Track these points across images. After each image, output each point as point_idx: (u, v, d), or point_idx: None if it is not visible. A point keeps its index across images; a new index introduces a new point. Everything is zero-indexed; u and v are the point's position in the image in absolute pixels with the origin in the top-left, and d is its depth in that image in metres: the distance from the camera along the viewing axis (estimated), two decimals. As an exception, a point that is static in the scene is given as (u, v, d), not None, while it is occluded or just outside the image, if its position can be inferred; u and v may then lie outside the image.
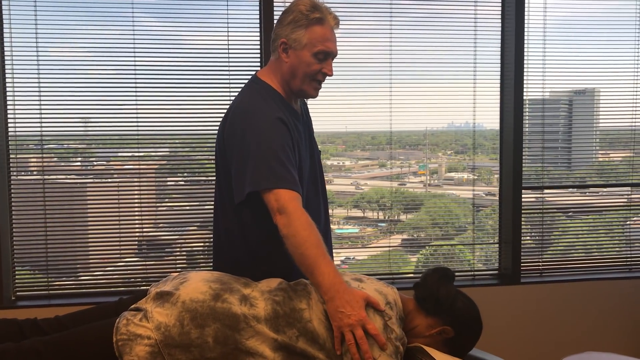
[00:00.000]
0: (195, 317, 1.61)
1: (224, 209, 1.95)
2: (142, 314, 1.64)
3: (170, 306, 1.63)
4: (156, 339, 1.59)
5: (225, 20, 3.00)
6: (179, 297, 1.65)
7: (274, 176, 1.74)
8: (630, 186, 3.59)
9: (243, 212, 1.88)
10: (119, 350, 1.58)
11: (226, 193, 1.91)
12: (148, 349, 1.58)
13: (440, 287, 1.78)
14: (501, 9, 3.24)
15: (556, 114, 3.50)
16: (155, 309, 1.63)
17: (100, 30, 2.92)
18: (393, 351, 1.63)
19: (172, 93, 2.99)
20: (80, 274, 3.06)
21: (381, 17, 3.15)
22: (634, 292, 3.43)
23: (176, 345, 1.59)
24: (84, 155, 3.14)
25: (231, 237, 1.94)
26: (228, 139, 1.88)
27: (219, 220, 2.00)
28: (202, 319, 1.61)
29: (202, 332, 1.60)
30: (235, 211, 1.89)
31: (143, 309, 1.65)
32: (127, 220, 3.05)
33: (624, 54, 3.41)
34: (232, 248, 1.95)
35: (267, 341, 1.61)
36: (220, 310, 1.63)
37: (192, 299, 1.64)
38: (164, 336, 1.59)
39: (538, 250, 3.46)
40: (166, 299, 1.66)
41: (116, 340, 1.59)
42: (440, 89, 3.23)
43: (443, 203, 3.60)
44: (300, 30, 1.85)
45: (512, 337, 3.28)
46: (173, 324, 1.60)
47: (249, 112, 1.85)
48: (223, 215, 1.97)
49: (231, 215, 1.92)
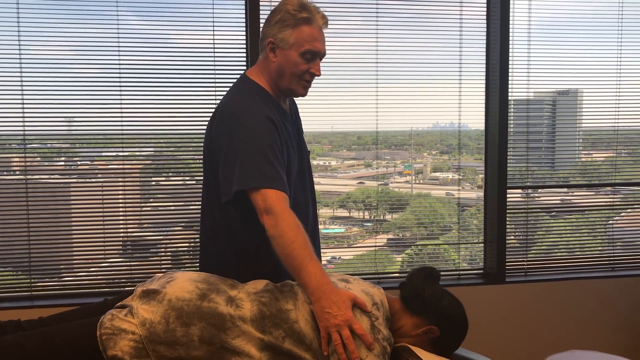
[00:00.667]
0: (181, 316, 1.61)
1: (211, 208, 1.94)
2: (128, 310, 1.64)
3: (157, 304, 1.63)
4: (141, 335, 1.58)
5: (211, 17, 2.99)
6: (166, 295, 1.65)
7: (262, 176, 1.74)
8: (612, 186, 3.64)
9: (230, 212, 1.87)
10: (102, 344, 1.57)
11: (213, 192, 1.90)
12: (132, 344, 1.58)
13: (426, 287, 1.79)
14: (486, 10, 3.27)
15: (540, 114, 3.53)
16: (141, 306, 1.63)
17: (84, 27, 2.88)
18: (380, 351, 1.63)
19: (157, 91, 2.97)
20: (64, 275, 3.03)
21: (368, 18, 3.16)
22: (616, 291, 3.47)
23: (161, 342, 1.58)
24: (68, 155, 3.10)
25: (218, 237, 1.93)
26: (216, 138, 1.87)
27: (206, 220, 1.99)
28: (188, 318, 1.61)
29: (187, 330, 1.60)
30: (222, 210, 1.88)
31: (129, 306, 1.65)
32: (111, 220, 3.02)
33: (607, 56, 3.45)
34: (219, 247, 1.94)
35: (253, 341, 1.61)
36: (207, 310, 1.62)
37: (179, 298, 1.64)
38: (148, 332, 1.58)
39: (522, 250, 3.49)
40: (152, 297, 1.65)
41: (100, 334, 1.58)
42: (426, 89, 3.24)
43: (428, 203, 3.62)
44: (288, 30, 1.84)
45: (497, 336, 3.31)
46: (158, 321, 1.60)
47: (238, 111, 1.84)
48: (210, 215, 1.96)
49: (218, 214, 1.91)
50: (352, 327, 1.59)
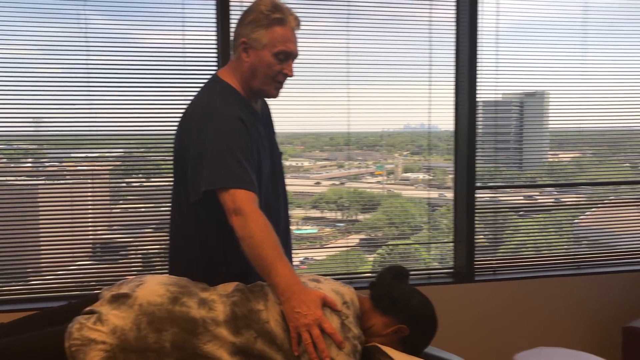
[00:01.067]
0: (152, 321, 1.58)
1: (181, 209, 1.93)
2: (96, 317, 1.59)
3: (127, 309, 1.60)
4: (111, 344, 1.55)
5: (181, 17, 2.97)
6: (136, 299, 1.62)
7: (231, 175, 1.73)
8: (578, 186, 3.72)
9: (199, 212, 1.86)
10: (72, 355, 1.54)
11: (183, 193, 1.89)
12: (103, 354, 1.54)
13: (395, 286, 1.80)
14: (456, 13, 3.31)
15: (508, 115, 3.59)
16: (111, 312, 1.60)
17: (51, 26, 2.83)
18: (351, 350, 1.64)
19: (127, 92, 2.93)
20: (31, 279, 2.97)
21: (339, 19, 3.17)
22: (582, 288, 3.54)
23: (132, 350, 1.56)
24: (35, 156, 3.05)
25: (187, 238, 1.92)
26: (186, 137, 1.86)
27: (176, 221, 1.97)
28: (160, 323, 1.58)
29: (159, 336, 1.57)
30: (192, 211, 1.87)
31: (97, 312, 1.61)
32: (80, 222, 2.97)
33: (572, 58, 3.52)
34: (188, 249, 1.93)
35: (225, 345, 1.60)
36: (179, 314, 1.61)
37: (150, 302, 1.61)
38: (119, 340, 1.56)
39: (492, 249, 3.54)
40: (123, 302, 1.62)
41: (69, 345, 1.54)
42: (397, 90, 3.27)
43: (399, 203, 3.65)
44: (261, 30, 1.84)
45: (467, 334, 3.35)
46: (129, 327, 1.57)
47: (208, 111, 1.83)
48: (179, 216, 1.94)
49: (187, 215, 1.90)
50: (322, 326, 1.59)
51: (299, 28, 1.92)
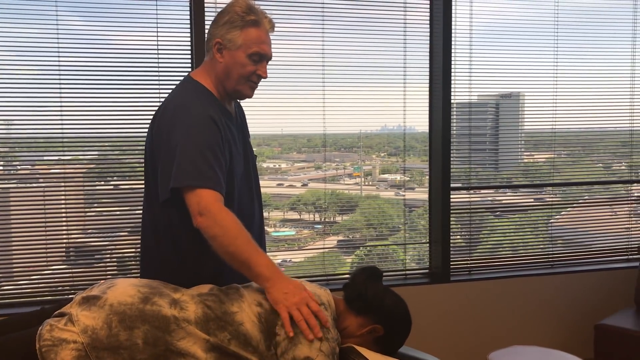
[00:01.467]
0: (123, 320, 1.58)
1: (152, 209, 1.92)
2: (67, 318, 1.59)
3: (98, 309, 1.59)
4: (83, 342, 1.54)
5: (155, 20, 2.95)
6: (107, 300, 1.61)
7: (199, 174, 1.73)
8: (552, 186, 3.77)
9: (170, 212, 1.85)
10: (42, 356, 1.52)
11: (154, 193, 1.88)
12: (75, 353, 1.53)
13: (368, 286, 1.81)
14: (429, 15, 3.34)
15: (484, 116, 3.63)
16: (81, 313, 1.59)
17: (22, 27, 2.79)
18: (330, 351, 1.64)
19: (100, 94, 2.91)
20: (3, 284, 2.92)
21: (314, 20, 3.18)
22: (555, 287, 3.59)
23: (104, 348, 1.55)
24: (7, 159, 3.00)
25: (159, 238, 1.91)
26: (157, 136, 1.86)
27: (147, 222, 1.96)
28: (131, 321, 1.58)
29: (131, 333, 1.57)
30: (162, 211, 1.86)
31: (67, 314, 1.60)
32: (53, 226, 2.94)
33: (544, 60, 3.58)
34: (160, 250, 1.91)
35: (199, 342, 1.59)
36: (150, 313, 1.60)
37: (120, 302, 1.60)
38: (91, 339, 1.55)
39: (467, 249, 3.58)
40: (93, 303, 1.61)
41: (39, 346, 1.53)
42: (373, 92, 3.29)
43: (377, 204, 3.66)
44: (236, 31, 1.85)
45: (442, 334, 3.37)
46: (100, 326, 1.56)
47: (179, 110, 1.83)
48: (151, 217, 1.93)
49: (159, 215, 1.89)
50: (308, 305, 1.64)
51: (273, 31, 1.94)
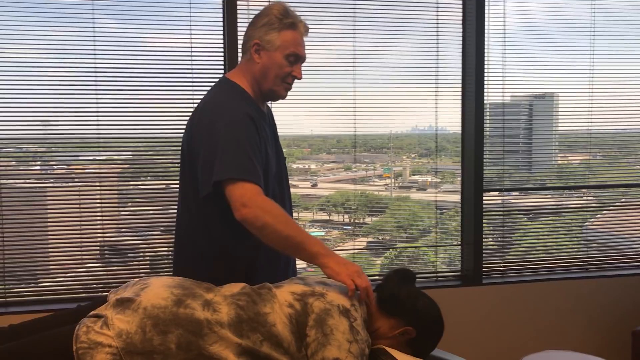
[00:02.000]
0: (157, 324, 1.59)
1: (189, 207, 1.96)
2: (102, 321, 1.61)
3: (132, 313, 1.61)
4: (118, 347, 1.56)
5: (188, 20, 2.98)
6: (140, 303, 1.63)
7: (241, 168, 1.77)
8: (587, 188, 3.69)
9: (208, 207, 1.89)
10: (79, 358, 1.55)
11: (191, 190, 1.92)
12: (109, 357, 1.55)
13: (402, 288, 1.80)
14: (462, 15, 3.30)
15: (517, 117, 3.57)
16: (116, 316, 1.61)
17: (60, 30, 2.86)
18: (359, 352, 1.64)
19: (135, 95, 2.95)
20: (40, 281, 2.99)
21: (345, 22, 3.17)
22: (591, 291, 3.52)
23: (138, 353, 1.56)
24: (44, 159, 3.07)
25: (194, 235, 1.95)
26: (196, 134, 1.90)
27: (182, 220, 2.00)
28: (165, 325, 1.59)
29: (164, 338, 1.58)
30: (199, 205, 1.90)
31: (103, 316, 1.62)
32: (88, 225, 2.99)
33: (580, 60, 3.50)
34: (195, 246, 1.95)
35: (231, 346, 1.60)
36: (183, 316, 1.61)
37: (154, 305, 1.62)
38: (125, 343, 1.56)
39: (499, 252, 3.53)
40: (127, 306, 1.63)
41: (76, 348, 1.55)
42: (404, 93, 3.27)
43: (407, 206, 3.64)
44: (274, 33, 1.92)
45: (474, 337, 3.33)
46: (135, 330, 1.58)
47: (218, 108, 1.88)
48: (187, 214, 1.97)
49: (196, 211, 1.93)
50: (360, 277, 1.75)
51: (307, 35, 2.01)
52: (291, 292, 1.72)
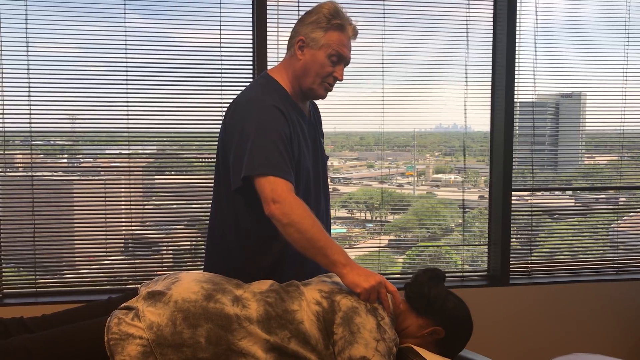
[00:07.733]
0: (187, 317, 1.60)
1: (220, 200, 1.97)
2: (134, 313, 1.62)
3: (163, 306, 1.62)
4: (148, 339, 1.57)
5: (218, 16, 2.98)
6: (171, 296, 1.64)
7: (271, 163, 1.76)
8: (616, 189, 3.63)
9: (238, 201, 1.89)
10: (110, 349, 1.56)
11: (223, 184, 1.93)
12: (140, 348, 1.56)
13: (431, 288, 1.79)
14: (493, 12, 3.26)
15: (544, 117, 3.52)
16: (147, 308, 1.62)
17: (91, 26, 2.88)
18: (386, 351, 1.63)
19: (164, 91, 2.96)
20: (66, 272, 3.02)
21: (374, 19, 3.15)
22: (620, 294, 3.47)
23: (168, 345, 1.57)
24: (71, 152, 3.09)
25: (224, 229, 1.95)
26: (229, 128, 1.91)
27: (214, 214, 2.01)
28: (195, 319, 1.60)
29: (194, 332, 1.59)
30: (230, 201, 1.91)
31: (134, 308, 1.64)
32: (113, 218, 3.02)
33: (613, 58, 3.44)
34: (226, 242, 1.96)
35: (260, 342, 1.60)
36: (213, 311, 1.62)
37: (185, 299, 1.63)
38: (156, 336, 1.57)
39: (526, 252, 3.48)
40: (158, 299, 1.64)
41: (108, 339, 1.57)
42: (431, 90, 3.24)
43: (430, 204, 3.61)
44: (320, 31, 1.91)
45: (501, 338, 3.30)
46: (165, 323, 1.59)
47: (250, 102, 1.89)
48: (218, 208, 1.98)
49: (226, 205, 1.93)
50: (385, 286, 1.72)
51: (355, 38, 1.99)
52: (319, 289, 1.72)
